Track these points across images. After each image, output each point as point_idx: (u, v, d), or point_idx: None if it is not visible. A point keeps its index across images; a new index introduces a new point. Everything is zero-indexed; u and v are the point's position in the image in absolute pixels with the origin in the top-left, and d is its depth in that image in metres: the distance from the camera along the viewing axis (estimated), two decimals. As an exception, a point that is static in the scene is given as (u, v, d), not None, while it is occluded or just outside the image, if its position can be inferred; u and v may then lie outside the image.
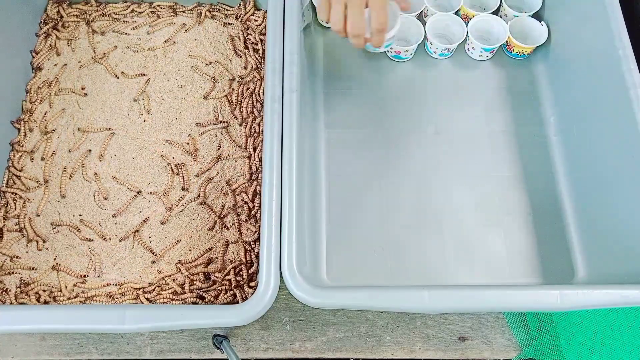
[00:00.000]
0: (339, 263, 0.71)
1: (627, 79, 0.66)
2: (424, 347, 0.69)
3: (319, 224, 0.73)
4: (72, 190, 0.74)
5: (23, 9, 0.81)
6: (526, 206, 0.75)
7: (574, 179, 0.75)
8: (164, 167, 0.75)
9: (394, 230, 0.73)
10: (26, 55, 0.81)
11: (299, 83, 0.68)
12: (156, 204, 0.73)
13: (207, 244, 0.71)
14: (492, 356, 0.69)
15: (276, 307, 0.70)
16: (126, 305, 0.59)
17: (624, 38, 0.68)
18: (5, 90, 0.77)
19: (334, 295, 0.58)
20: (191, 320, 0.57)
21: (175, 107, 0.79)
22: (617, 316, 0.70)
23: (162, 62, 0.82)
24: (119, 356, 0.68)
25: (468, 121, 0.80)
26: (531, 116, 0.80)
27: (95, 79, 0.81)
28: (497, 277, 0.70)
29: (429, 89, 0.82)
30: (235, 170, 0.74)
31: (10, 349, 0.68)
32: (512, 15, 0.83)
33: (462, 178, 0.76)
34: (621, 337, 0.69)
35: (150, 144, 0.76)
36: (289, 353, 0.68)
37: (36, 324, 0.57)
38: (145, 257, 0.70)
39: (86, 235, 0.71)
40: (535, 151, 0.78)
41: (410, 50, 0.82)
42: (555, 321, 0.70)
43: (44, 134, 0.77)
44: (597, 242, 0.70)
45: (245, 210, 0.72)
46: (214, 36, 0.84)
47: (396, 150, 0.78)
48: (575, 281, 0.70)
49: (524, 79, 0.83)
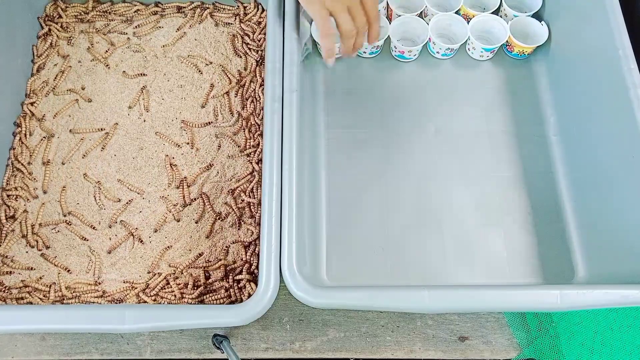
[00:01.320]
0: (339, 263, 0.71)
1: (627, 78, 0.66)
2: (424, 347, 0.69)
3: (319, 224, 0.73)
4: (72, 190, 0.74)
5: (23, 8, 0.81)
6: (526, 206, 0.74)
7: (574, 179, 0.75)
8: (163, 167, 0.75)
9: (394, 230, 0.73)
10: (26, 55, 0.81)
11: (299, 83, 0.68)
12: (156, 204, 0.73)
13: (207, 243, 0.71)
14: (492, 356, 0.69)
15: (276, 307, 0.70)
16: (126, 305, 0.59)
17: (624, 38, 0.68)
18: (5, 90, 0.77)
19: (334, 295, 0.58)
20: (191, 320, 0.57)
21: (175, 107, 0.79)
22: (617, 316, 0.70)
23: (162, 62, 0.82)
24: (119, 356, 0.68)
25: (468, 121, 0.80)
26: (531, 116, 0.80)
27: (96, 79, 0.81)
28: (497, 277, 0.70)
29: (429, 88, 0.82)
30: (235, 170, 0.74)
31: (10, 349, 0.68)
32: (512, 15, 0.83)
33: (462, 178, 0.76)
34: (621, 337, 0.69)
35: (150, 144, 0.76)
36: (289, 353, 0.68)
37: (36, 324, 0.57)
38: (145, 257, 0.70)
39: (82, 233, 0.71)
40: (535, 151, 0.78)
41: (414, 50, 0.82)
42: (555, 321, 0.70)
43: (44, 135, 0.77)
44: (597, 242, 0.70)
45: (245, 210, 0.72)
46: (214, 36, 0.84)
47: (396, 150, 0.78)
48: (575, 281, 0.70)
49: (524, 79, 0.83)
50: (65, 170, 0.75)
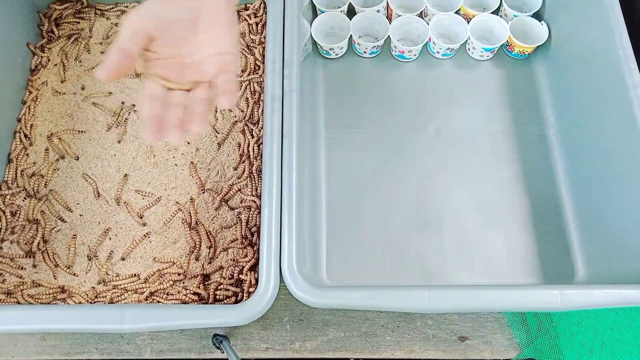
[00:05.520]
0: (339, 263, 0.71)
1: (627, 78, 0.66)
2: (424, 347, 0.69)
3: (319, 224, 0.73)
4: (72, 191, 0.74)
5: (23, 7, 0.81)
6: (526, 206, 0.74)
7: (574, 179, 0.75)
8: (163, 167, 0.75)
9: (394, 230, 0.73)
10: (26, 54, 0.81)
11: (299, 83, 0.68)
12: (155, 204, 0.73)
13: (207, 243, 0.71)
14: (492, 356, 0.69)
15: (276, 307, 0.70)
16: (126, 305, 0.59)
17: (624, 38, 0.68)
18: (5, 90, 0.76)
19: (334, 295, 0.58)
20: (191, 320, 0.57)
21: (175, 107, 0.79)
22: (617, 316, 0.70)
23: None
24: (119, 356, 0.68)
25: (468, 121, 0.80)
26: (531, 116, 0.80)
27: (96, 79, 0.81)
28: (497, 277, 0.70)
29: (429, 88, 0.82)
30: (235, 171, 0.74)
31: (10, 349, 0.68)
32: (512, 15, 0.83)
33: (462, 178, 0.76)
34: (621, 337, 0.69)
35: (149, 144, 0.76)
36: (289, 353, 0.68)
37: (36, 324, 0.57)
38: (145, 257, 0.70)
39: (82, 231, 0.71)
40: (535, 151, 0.78)
41: (414, 50, 0.82)
42: (555, 321, 0.70)
43: (44, 136, 0.77)
44: (597, 242, 0.70)
45: (245, 210, 0.72)
46: (214, 36, 0.84)
47: (396, 150, 0.78)
48: (575, 281, 0.70)
49: (524, 78, 0.83)
50: (65, 171, 0.75)
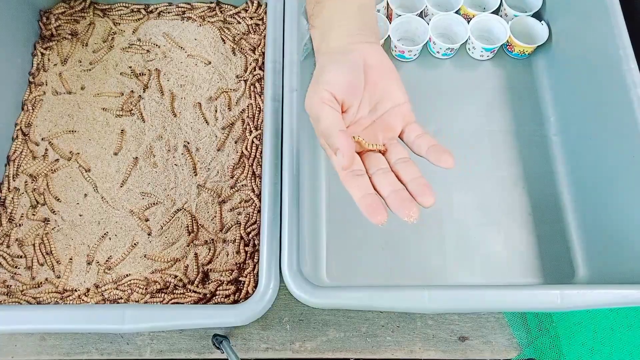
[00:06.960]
0: (339, 263, 0.71)
1: (627, 78, 0.66)
2: (424, 347, 0.69)
3: (319, 223, 0.73)
4: (72, 191, 0.74)
5: (23, 7, 0.81)
6: (526, 206, 0.74)
7: (574, 179, 0.75)
8: (163, 167, 0.75)
9: (394, 230, 0.73)
10: (26, 54, 0.81)
11: (299, 83, 0.68)
12: (154, 204, 0.73)
13: (207, 243, 0.70)
14: (492, 356, 0.69)
15: (276, 307, 0.70)
16: (126, 305, 0.59)
17: (624, 38, 0.68)
18: (5, 90, 0.76)
19: (334, 295, 0.58)
20: (191, 320, 0.57)
21: (175, 107, 0.79)
22: (617, 316, 0.70)
23: (162, 62, 0.82)
24: (119, 356, 0.68)
25: (468, 121, 0.80)
26: (531, 116, 0.80)
27: (95, 79, 0.80)
28: (497, 277, 0.70)
29: (429, 88, 0.82)
30: (235, 170, 0.74)
31: (10, 349, 0.68)
32: (512, 15, 0.83)
33: (462, 177, 0.76)
34: (621, 337, 0.69)
35: (149, 143, 0.76)
36: (289, 353, 0.68)
37: (36, 324, 0.57)
38: (145, 257, 0.70)
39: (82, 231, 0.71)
40: (535, 151, 0.78)
41: (414, 50, 0.82)
42: (555, 321, 0.70)
43: (44, 136, 0.77)
44: (597, 242, 0.70)
45: (245, 210, 0.72)
46: (213, 36, 0.83)
47: (396, 150, 0.78)
48: (575, 281, 0.70)
49: (524, 78, 0.83)
50: (64, 171, 0.75)
